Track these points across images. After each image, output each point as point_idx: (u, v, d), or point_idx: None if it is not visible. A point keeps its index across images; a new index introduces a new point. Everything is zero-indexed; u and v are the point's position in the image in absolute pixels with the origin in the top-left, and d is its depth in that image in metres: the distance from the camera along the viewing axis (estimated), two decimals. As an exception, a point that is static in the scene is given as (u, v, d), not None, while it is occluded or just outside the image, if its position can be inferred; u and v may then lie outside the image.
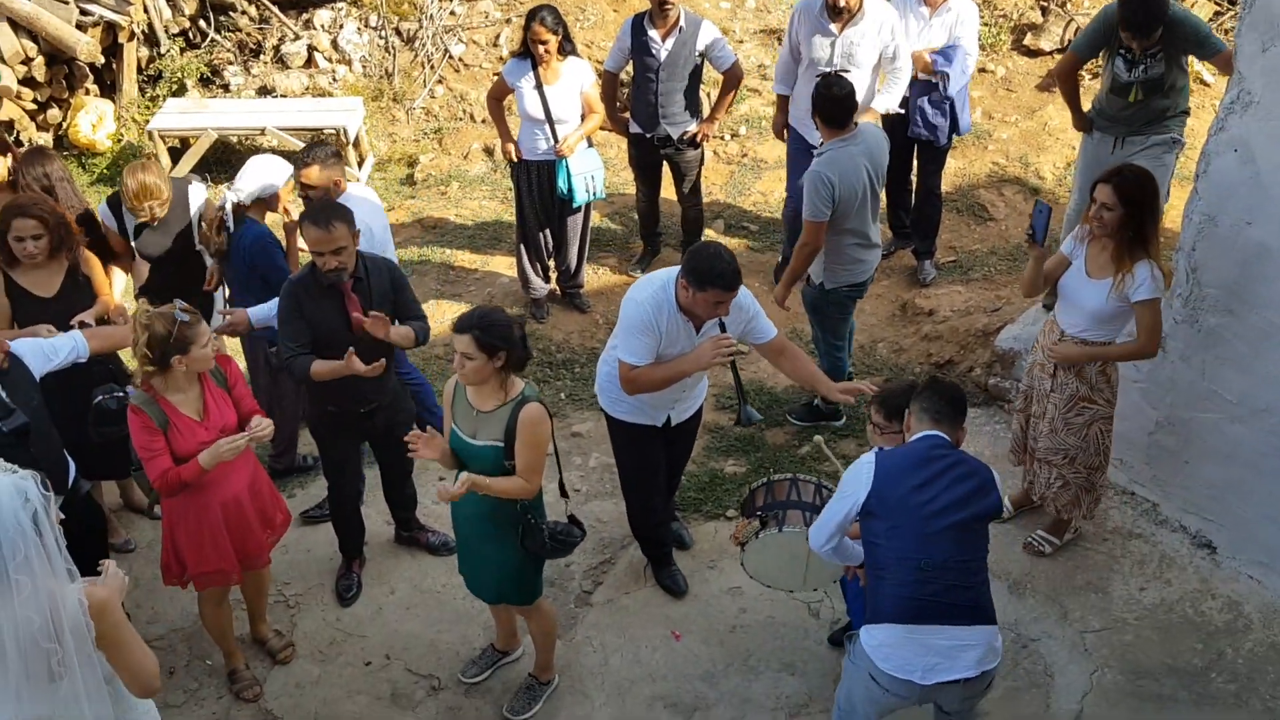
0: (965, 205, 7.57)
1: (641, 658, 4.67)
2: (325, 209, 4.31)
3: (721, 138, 8.39)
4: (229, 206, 5.03)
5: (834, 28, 5.98)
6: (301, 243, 4.56)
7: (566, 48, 6.15)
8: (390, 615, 4.87)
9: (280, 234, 5.23)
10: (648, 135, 6.58)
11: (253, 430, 4.05)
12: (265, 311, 4.68)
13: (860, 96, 5.53)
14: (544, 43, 6.00)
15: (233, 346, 5.45)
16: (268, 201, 5.11)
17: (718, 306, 4.11)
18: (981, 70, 8.74)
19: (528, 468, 3.84)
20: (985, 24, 9.03)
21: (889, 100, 6.17)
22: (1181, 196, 5.24)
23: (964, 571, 3.48)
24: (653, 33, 6.32)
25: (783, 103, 6.50)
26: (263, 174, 5.07)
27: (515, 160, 6.36)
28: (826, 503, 3.90)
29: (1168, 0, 5.14)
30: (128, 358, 4.65)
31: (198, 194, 5.28)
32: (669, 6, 6.22)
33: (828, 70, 5.77)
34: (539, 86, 6.14)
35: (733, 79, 6.55)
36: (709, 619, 4.83)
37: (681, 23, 6.30)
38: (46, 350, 4.17)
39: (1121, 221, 4.29)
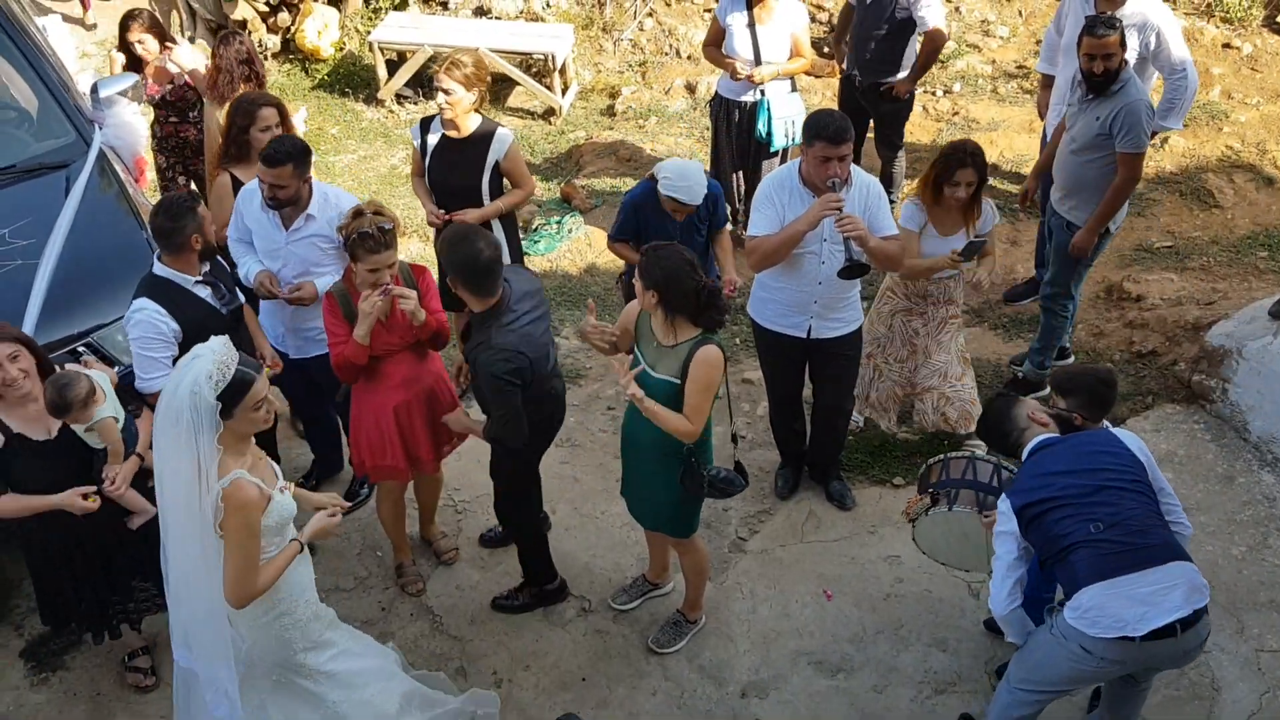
0: (1190, 189, 7.08)
1: (790, 611, 4.66)
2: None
3: (933, 93, 8.10)
4: None
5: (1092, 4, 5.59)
6: None
7: None
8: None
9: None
10: (851, 75, 6.55)
11: (395, 294, 4.06)
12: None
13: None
14: None
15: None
16: None
17: (826, 164, 4.24)
18: (1226, 46, 8.14)
19: (693, 408, 3.83)
20: (1237, -6, 8.39)
21: (1173, 120, 5.62)
22: None
23: (1139, 525, 3.44)
24: None
25: (1046, 81, 6.13)
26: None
27: (735, 78, 6.18)
28: (1005, 484, 3.80)
29: None
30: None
31: (504, 139, 5.10)
32: None
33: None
34: (751, 25, 6.05)
35: (930, 43, 6.23)
36: (863, 583, 4.77)
37: None
38: None
39: None
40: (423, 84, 8.55)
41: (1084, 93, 5.04)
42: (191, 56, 6.04)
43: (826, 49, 8.40)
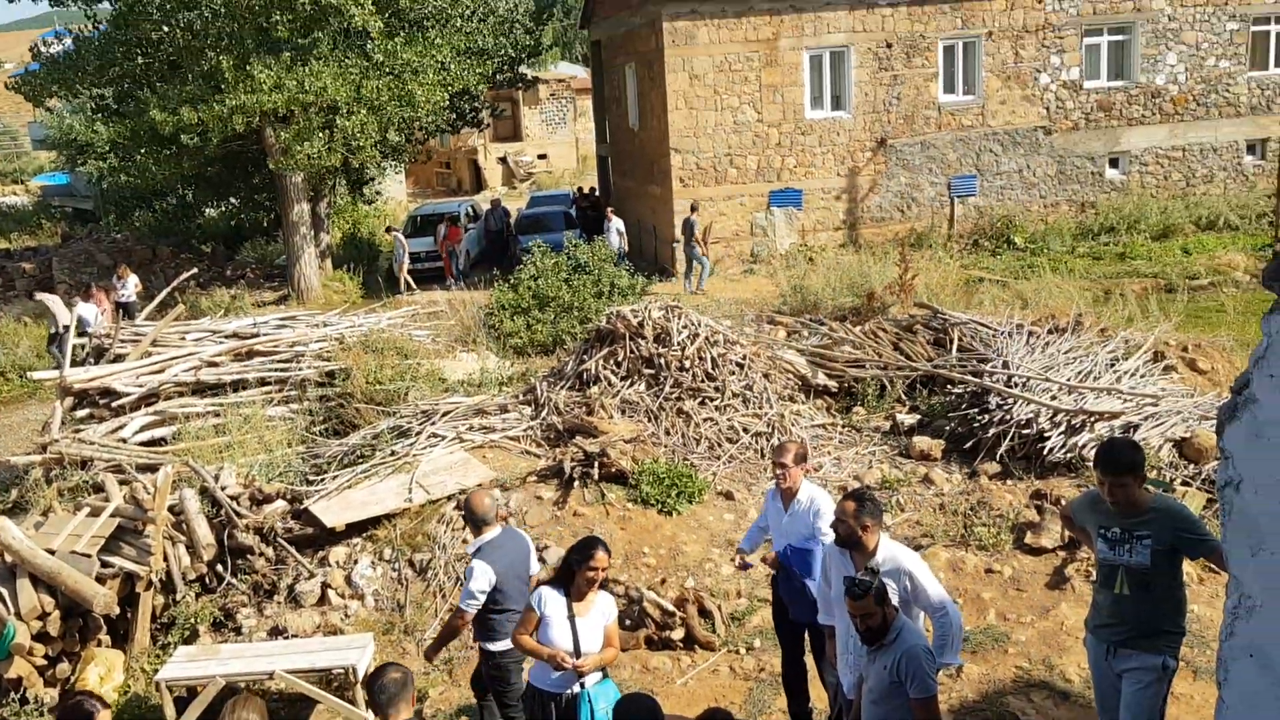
0: (994, 714, 7.21)
1: None
2: None
3: (736, 651, 8.24)
4: None
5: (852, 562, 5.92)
6: None
7: (605, 580, 6.26)
8: None
9: None
10: None
11: None
12: None
13: None
14: (603, 569, 6.06)
15: None
16: None
17: None
18: (989, 571, 8.80)
19: None
20: (984, 525, 9.24)
21: (949, 655, 5.77)
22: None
23: None
24: None
25: (829, 631, 6.31)
26: None
27: (559, 668, 6.03)
28: None
29: (1139, 448, 5.44)
30: None
31: None
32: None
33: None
34: (571, 617, 6.08)
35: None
36: None
37: None
38: None
39: None
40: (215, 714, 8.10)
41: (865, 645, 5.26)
42: None
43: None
